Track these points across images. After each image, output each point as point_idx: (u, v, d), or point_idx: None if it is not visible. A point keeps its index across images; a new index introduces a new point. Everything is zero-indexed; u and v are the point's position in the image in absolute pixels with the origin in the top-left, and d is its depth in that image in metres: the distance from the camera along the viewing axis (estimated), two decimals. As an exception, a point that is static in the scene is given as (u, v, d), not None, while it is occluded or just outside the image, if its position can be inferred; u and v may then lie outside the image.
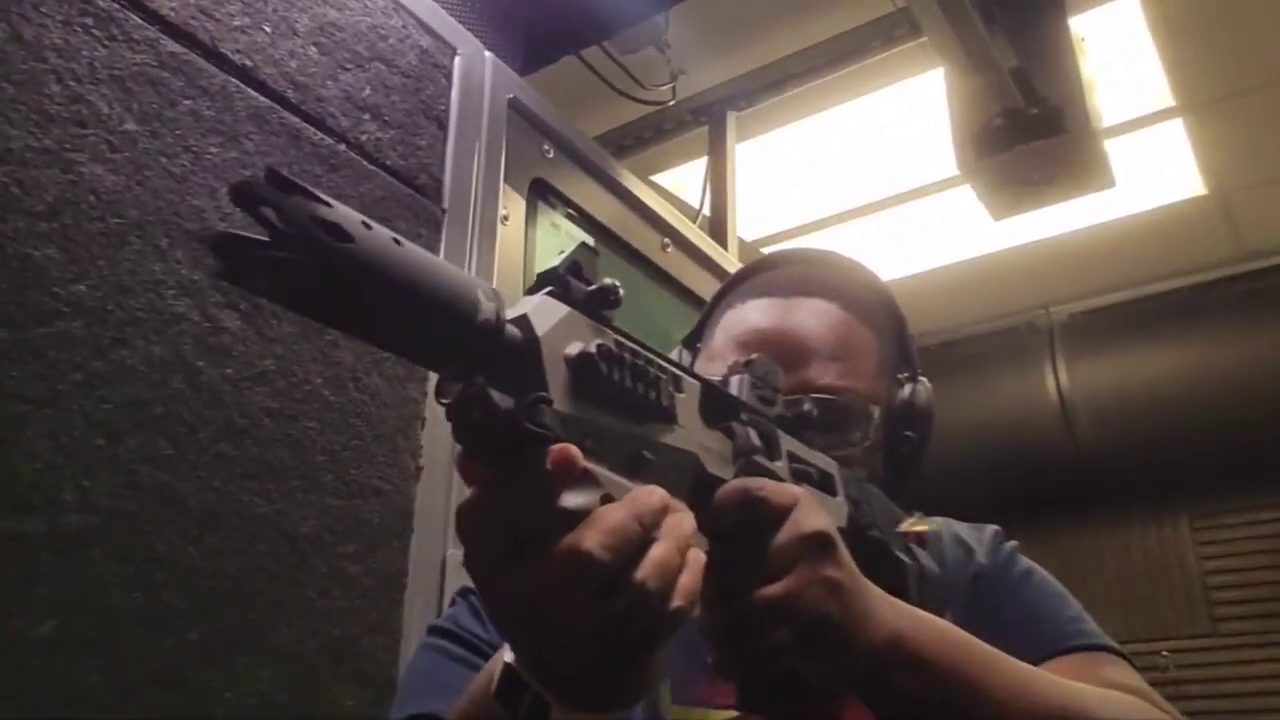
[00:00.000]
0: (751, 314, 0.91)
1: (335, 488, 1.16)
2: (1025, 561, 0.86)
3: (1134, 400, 3.54)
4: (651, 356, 0.54)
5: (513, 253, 1.55)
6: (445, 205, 1.43)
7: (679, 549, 0.48)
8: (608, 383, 0.49)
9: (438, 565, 1.27)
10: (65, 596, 0.88)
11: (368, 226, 0.40)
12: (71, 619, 0.88)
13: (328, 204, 0.39)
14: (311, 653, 1.09)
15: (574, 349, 0.47)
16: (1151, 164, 3.13)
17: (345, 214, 0.40)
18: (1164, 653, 3.62)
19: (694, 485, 0.56)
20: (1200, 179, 3.22)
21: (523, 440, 0.44)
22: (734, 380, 0.67)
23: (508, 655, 0.52)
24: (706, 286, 2.05)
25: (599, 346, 0.48)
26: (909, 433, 0.90)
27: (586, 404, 0.48)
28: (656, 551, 0.46)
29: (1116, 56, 2.66)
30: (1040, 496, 3.70)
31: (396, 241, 0.41)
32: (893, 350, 0.93)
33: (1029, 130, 2.08)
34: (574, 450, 0.45)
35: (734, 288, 0.98)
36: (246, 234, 0.38)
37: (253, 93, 1.18)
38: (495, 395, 0.43)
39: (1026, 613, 0.80)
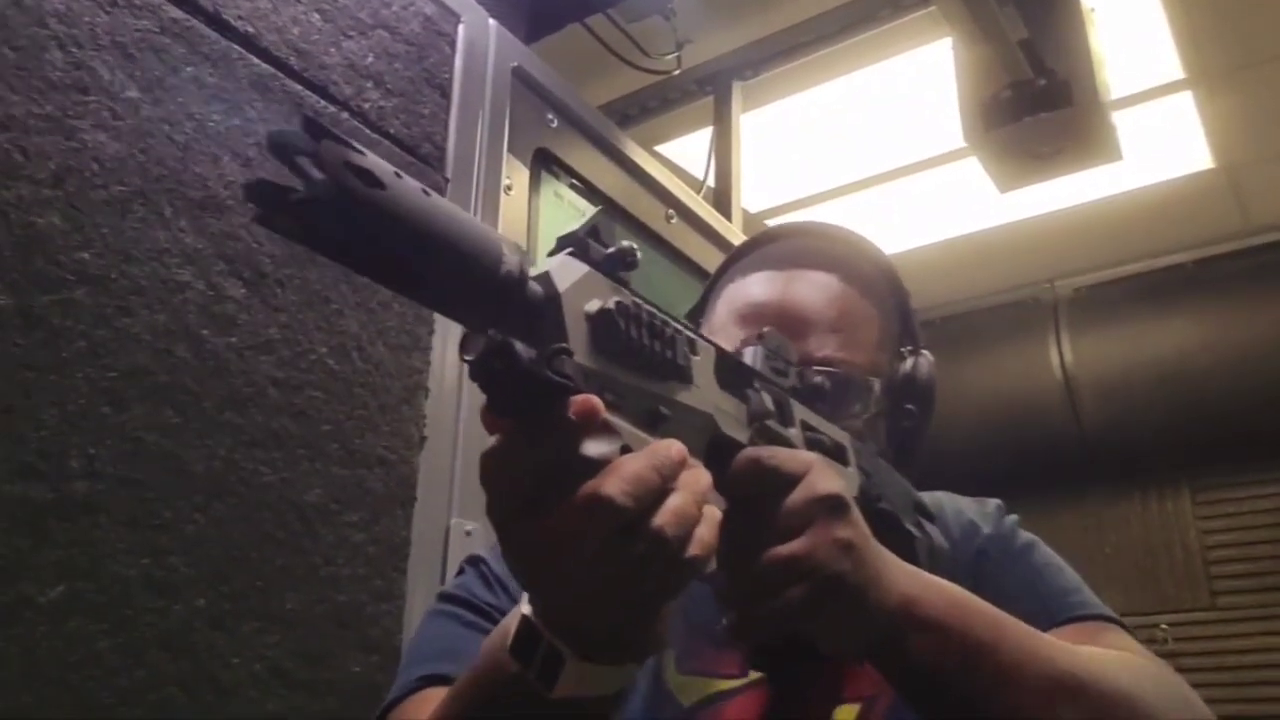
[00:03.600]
0: (752, 287, 0.91)
1: (340, 457, 1.17)
2: (1026, 535, 0.87)
3: (1137, 375, 3.53)
4: (667, 318, 0.55)
5: (516, 223, 1.55)
6: (448, 174, 1.42)
7: (696, 501, 0.49)
8: (626, 339, 0.50)
9: (441, 533, 1.28)
10: (73, 562, 0.89)
11: (399, 176, 0.41)
12: (79, 584, 0.89)
13: (361, 151, 0.40)
14: (317, 619, 1.10)
15: (594, 306, 0.49)
16: (1160, 137, 3.10)
17: (377, 162, 0.41)
18: (1163, 626, 3.64)
19: (709, 446, 0.57)
20: (1209, 153, 3.19)
21: (545, 390, 0.45)
22: (748, 351, 0.68)
23: (525, 608, 0.52)
24: (710, 258, 2.05)
25: (618, 303, 0.49)
26: (910, 406, 0.90)
27: (606, 359, 0.49)
28: (674, 501, 0.47)
29: (1126, 28, 2.63)
30: (1042, 470, 3.70)
31: (425, 192, 0.43)
32: (894, 323, 0.93)
33: (1037, 102, 2.06)
34: (596, 400, 0.46)
35: (736, 261, 0.98)
36: (281, 181, 0.39)
37: (255, 60, 1.17)
38: (519, 346, 0.44)
39: (1028, 584, 0.80)
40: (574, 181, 1.74)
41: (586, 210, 1.75)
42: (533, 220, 1.60)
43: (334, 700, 1.09)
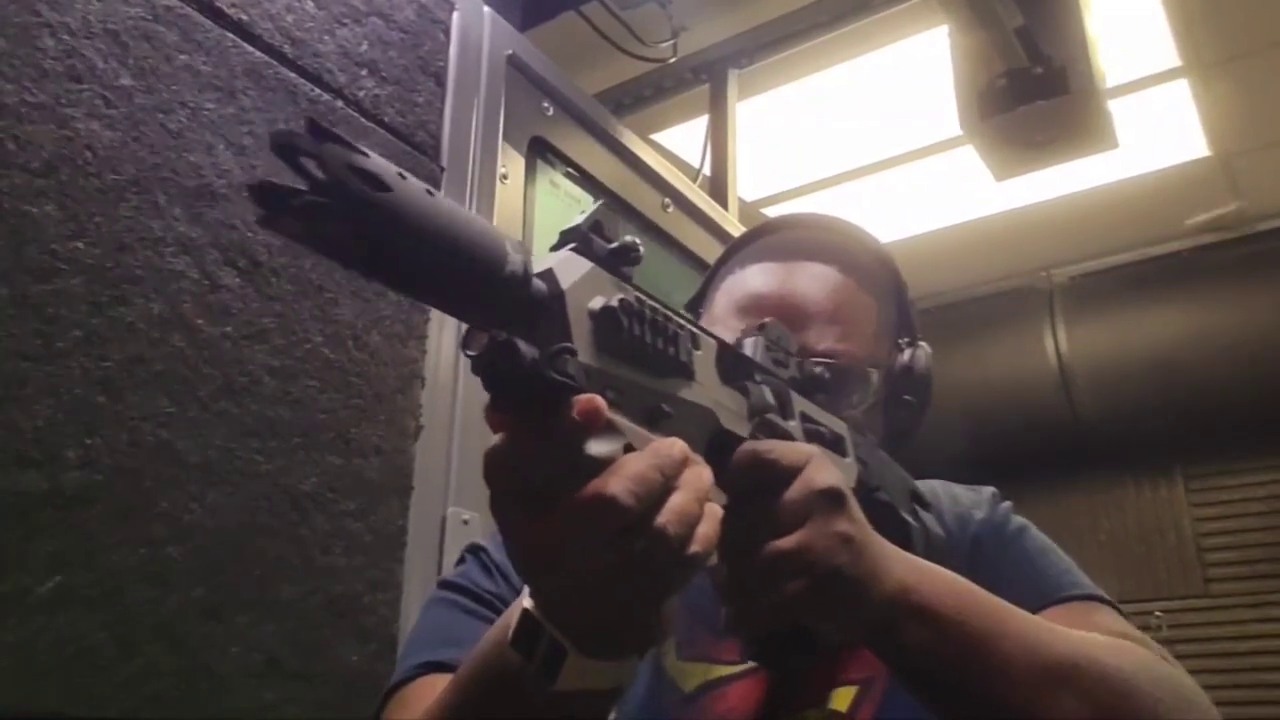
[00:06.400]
0: (751, 278, 0.91)
1: (335, 446, 1.16)
2: (1019, 519, 0.88)
3: (1132, 363, 3.54)
4: (670, 314, 0.55)
5: (512, 212, 1.54)
6: (443, 163, 1.41)
7: (698, 499, 0.49)
8: (629, 337, 0.50)
9: (438, 523, 1.28)
10: (68, 553, 0.89)
11: (403, 177, 0.41)
12: (74, 575, 0.89)
13: (365, 154, 0.40)
14: (313, 609, 1.10)
15: (597, 303, 0.49)
16: (1155, 125, 3.10)
17: (382, 164, 0.41)
18: (1156, 613, 3.66)
19: (711, 441, 0.58)
20: (1204, 141, 3.19)
21: (548, 390, 0.45)
22: (748, 342, 0.68)
23: (526, 601, 0.53)
24: (706, 247, 2.05)
25: (621, 301, 0.49)
26: (908, 396, 0.91)
27: (609, 357, 0.49)
28: (676, 499, 0.48)
29: (1122, 16, 2.63)
30: (1036, 458, 3.71)
31: (429, 193, 0.43)
32: (892, 314, 0.93)
33: (1032, 90, 2.06)
34: (600, 400, 0.46)
35: (735, 252, 0.98)
36: (285, 183, 0.39)
37: (249, 47, 1.16)
38: (522, 345, 0.44)
39: (1022, 567, 0.81)
40: (569, 170, 1.73)
41: (582, 199, 1.75)
42: (528, 209, 1.59)
43: (330, 690, 1.09)
